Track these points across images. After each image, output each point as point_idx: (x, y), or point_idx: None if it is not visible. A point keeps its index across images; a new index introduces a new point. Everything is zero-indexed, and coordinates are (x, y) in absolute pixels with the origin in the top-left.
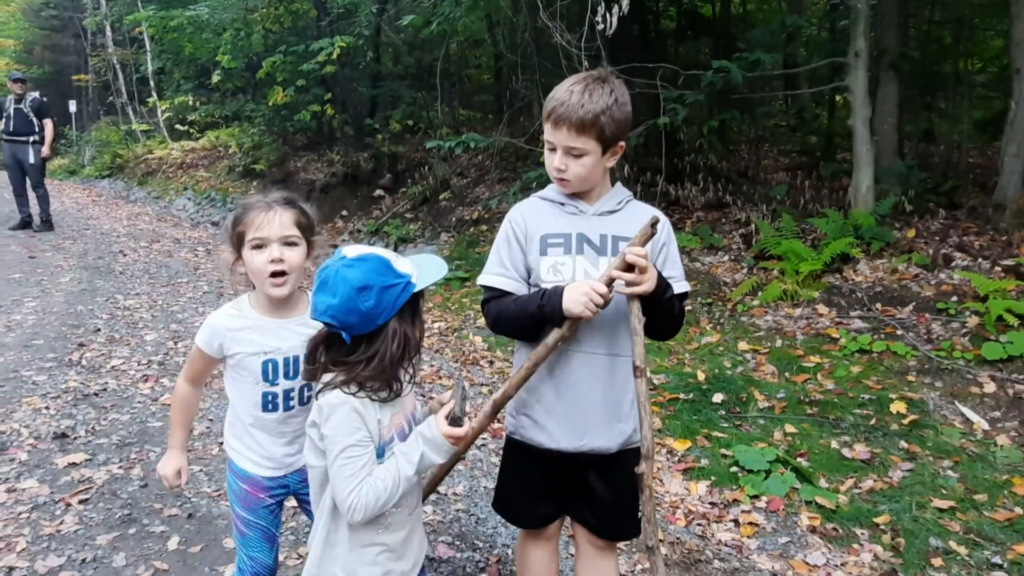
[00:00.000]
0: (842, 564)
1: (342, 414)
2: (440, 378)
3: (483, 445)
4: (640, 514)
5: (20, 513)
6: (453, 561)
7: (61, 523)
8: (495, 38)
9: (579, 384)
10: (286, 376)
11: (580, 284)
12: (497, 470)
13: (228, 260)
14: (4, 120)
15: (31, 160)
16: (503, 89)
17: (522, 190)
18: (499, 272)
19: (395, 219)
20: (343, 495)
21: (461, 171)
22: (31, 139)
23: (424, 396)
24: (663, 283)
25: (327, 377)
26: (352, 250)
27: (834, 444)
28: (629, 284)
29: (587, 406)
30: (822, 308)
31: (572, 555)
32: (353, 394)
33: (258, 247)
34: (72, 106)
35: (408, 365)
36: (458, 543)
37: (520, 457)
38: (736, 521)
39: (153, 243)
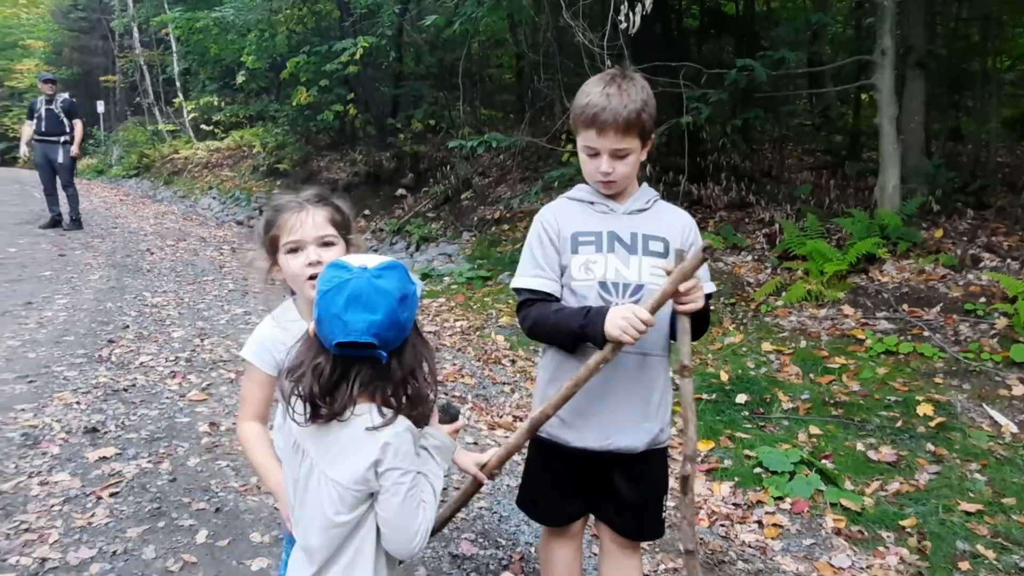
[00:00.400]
0: (867, 567)
1: (408, 442)
2: (462, 376)
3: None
4: (681, 517)
5: (52, 506)
6: (476, 558)
7: (92, 516)
8: (517, 38)
9: (608, 382)
10: None
11: (623, 309)
12: (519, 468)
13: (263, 268)
14: (36, 121)
15: (61, 160)
16: (524, 89)
17: (544, 189)
18: (535, 273)
19: (417, 218)
20: (414, 526)
21: (483, 170)
22: (61, 139)
23: (447, 395)
24: (708, 298)
25: (364, 408)
26: (363, 259)
27: (860, 446)
28: (685, 299)
29: (615, 405)
30: (847, 309)
31: (595, 554)
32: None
33: (293, 251)
34: (100, 107)
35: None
36: (481, 540)
37: (546, 455)
38: (760, 522)
39: (179, 242)
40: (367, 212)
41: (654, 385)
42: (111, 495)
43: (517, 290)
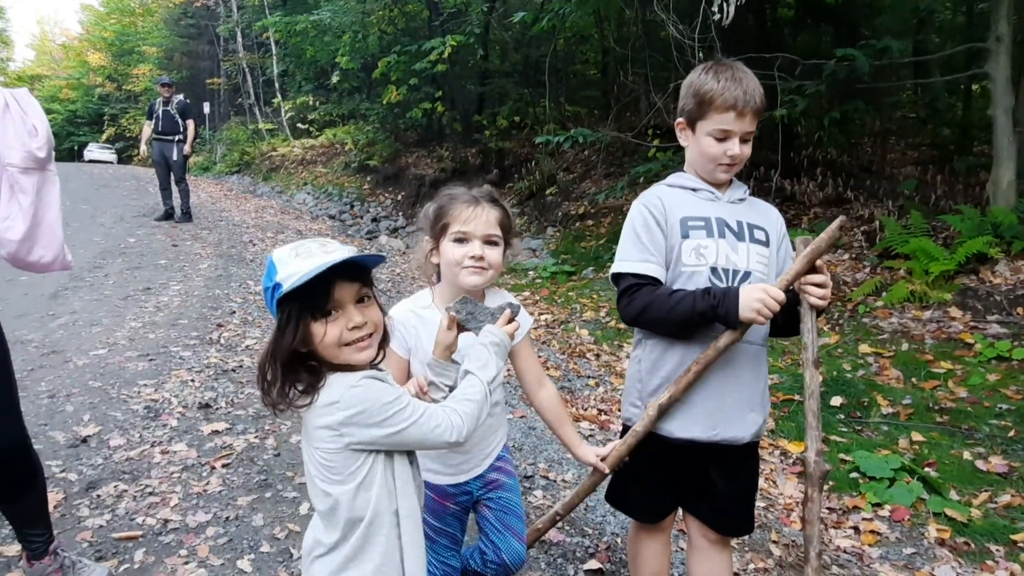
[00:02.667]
0: None
1: (359, 396)
2: (547, 369)
3: (590, 436)
4: (809, 516)
5: (172, 473)
6: (563, 545)
7: (207, 484)
8: (603, 32)
9: (715, 371)
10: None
11: (755, 289)
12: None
13: (424, 250)
14: (154, 121)
15: (175, 157)
16: (610, 84)
17: (629, 185)
18: (642, 258)
19: None
20: (439, 436)
21: (567, 166)
22: (176, 138)
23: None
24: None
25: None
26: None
27: (967, 455)
28: (818, 294)
29: (723, 394)
30: (955, 311)
31: (683, 548)
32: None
33: (460, 240)
34: (206, 108)
35: (278, 372)
36: (568, 528)
37: (640, 448)
38: (856, 528)
39: (278, 234)
40: None
41: (759, 375)
42: (223, 466)
43: (620, 275)
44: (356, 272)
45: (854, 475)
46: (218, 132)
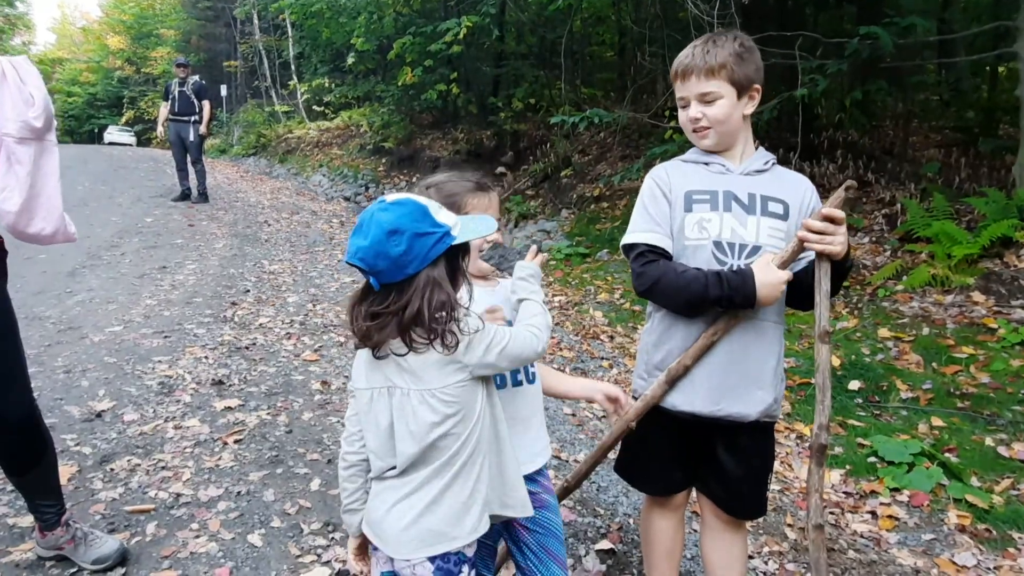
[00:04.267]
0: (996, 568)
1: (482, 332)
2: (561, 350)
3: (603, 417)
4: (810, 489)
5: (185, 447)
6: (574, 524)
7: (219, 459)
8: (620, 12)
9: (722, 345)
10: None
11: (771, 275)
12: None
13: None
14: (170, 102)
15: (191, 138)
16: (627, 65)
17: (645, 166)
18: (650, 228)
19: (516, 196)
20: (534, 346)
21: (583, 148)
22: (192, 119)
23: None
24: (850, 250)
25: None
26: (392, 195)
27: (989, 441)
28: (822, 241)
29: (727, 369)
30: (978, 296)
31: (696, 530)
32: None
33: None
34: (223, 90)
35: (446, 322)
36: (579, 508)
37: (648, 419)
38: (874, 513)
39: (293, 215)
40: None
41: (769, 352)
42: (235, 441)
43: (630, 246)
44: None
45: (872, 459)
46: (235, 114)
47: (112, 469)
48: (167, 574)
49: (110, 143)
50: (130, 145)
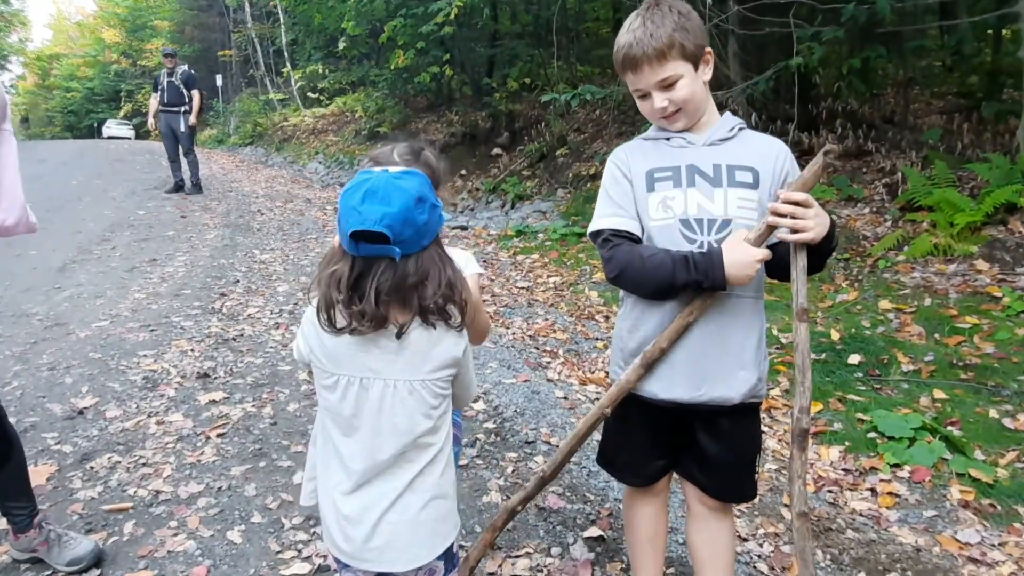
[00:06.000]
0: (1000, 544)
1: (460, 344)
2: (555, 332)
3: (597, 399)
4: (793, 476)
5: (167, 443)
6: (563, 512)
7: (201, 454)
8: None
9: (699, 327)
10: None
11: (741, 254)
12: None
13: None
14: (160, 93)
15: (182, 128)
16: None
17: None
18: (612, 212)
19: (512, 176)
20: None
21: (578, 127)
22: (182, 109)
23: (537, 350)
24: (833, 228)
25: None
26: (394, 168)
27: (993, 413)
28: (793, 226)
29: (706, 352)
30: (981, 264)
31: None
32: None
33: None
34: (219, 80)
35: (456, 300)
36: (568, 494)
37: (626, 410)
38: (873, 490)
39: (287, 203)
40: (463, 172)
41: (750, 330)
42: (219, 435)
43: (596, 232)
44: None
45: (872, 435)
46: (231, 104)
47: (92, 467)
48: (143, 574)
49: (109, 137)
50: (128, 139)
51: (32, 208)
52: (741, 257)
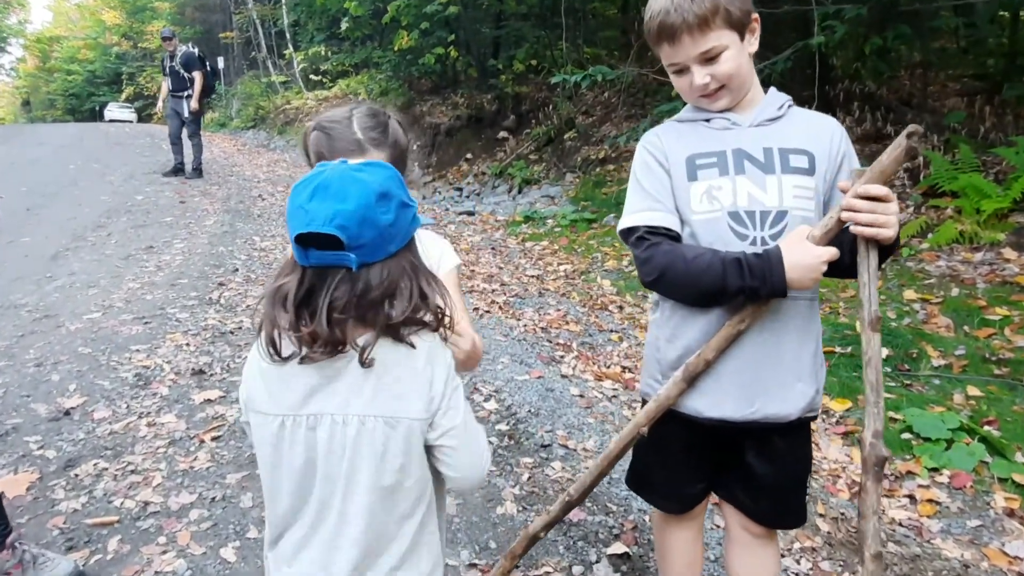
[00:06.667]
0: None
1: (444, 355)
2: (567, 323)
3: (614, 397)
4: (864, 510)
5: (158, 448)
6: (584, 525)
7: (195, 459)
8: None
9: (750, 335)
10: None
11: (803, 254)
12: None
13: None
14: (168, 78)
15: (186, 113)
16: (630, 22)
17: (652, 125)
18: (647, 206)
19: (519, 160)
20: (483, 440)
21: (586, 109)
22: (184, 93)
23: (550, 343)
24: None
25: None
26: (355, 159)
27: None
28: (870, 223)
29: (760, 362)
30: (1009, 252)
31: (717, 526)
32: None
33: None
34: (220, 62)
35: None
36: (589, 505)
37: (664, 428)
38: (912, 497)
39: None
40: (469, 156)
41: (806, 336)
42: (213, 439)
43: (628, 230)
44: None
45: (906, 436)
46: (233, 87)
47: (76, 475)
48: None
49: (111, 120)
50: (130, 122)
51: (27, 194)
52: (804, 258)
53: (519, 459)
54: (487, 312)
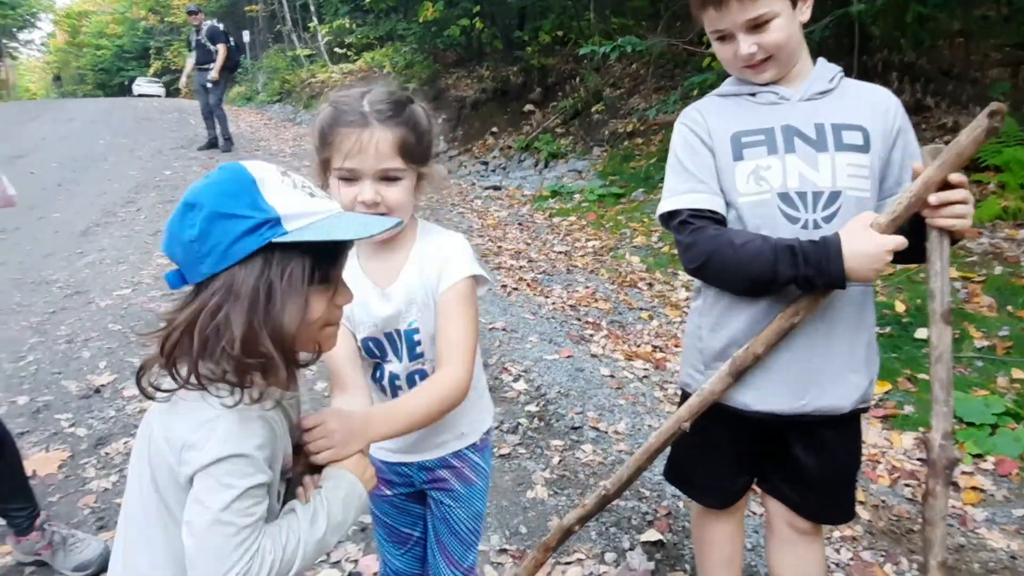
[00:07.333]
0: None
1: (224, 438)
2: (596, 301)
3: (645, 377)
4: (930, 515)
5: None
6: (617, 511)
7: None
8: None
9: (803, 324)
10: (395, 354)
11: (866, 243)
12: (662, 406)
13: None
14: (195, 51)
15: (209, 85)
16: None
17: (682, 98)
18: (689, 188)
19: (545, 134)
20: (219, 570)
21: (614, 81)
22: (209, 65)
23: (579, 321)
24: None
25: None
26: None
27: None
28: (950, 212)
29: (811, 353)
30: None
31: (756, 512)
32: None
33: (347, 180)
34: (246, 36)
35: (274, 358)
36: None
37: (707, 420)
38: (955, 484)
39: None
40: (495, 129)
41: (860, 325)
42: None
43: (669, 214)
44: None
45: None
46: (258, 61)
47: (107, 453)
48: None
49: (139, 95)
50: (158, 96)
51: (58, 169)
52: (866, 247)
53: (549, 441)
54: (515, 289)
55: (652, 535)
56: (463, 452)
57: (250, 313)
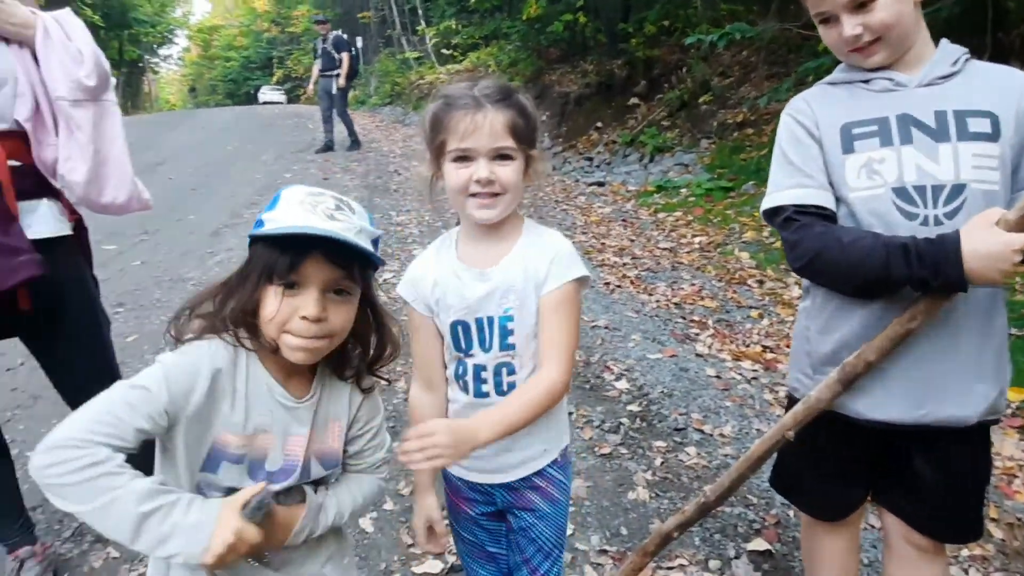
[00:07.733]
0: None
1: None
2: (702, 299)
3: (754, 379)
4: None
5: None
6: (722, 517)
7: None
8: None
9: (923, 329)
10: (481, 345)
11: (989, 242)
12: (772, 410)
13: (424, 175)
14: (319, 60)
15: (334, 91)
16: None
17: (796, 85)
18: (796, 183)
19: (651, 128)
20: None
21: (723, 71)
22: (334, 73)
23: (684, 319)
24: None
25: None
26: None
27: None
28: None
29: (932, 359)
30: None
31: (871, 526)
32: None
33: (461, 159)
34: (359, 42)
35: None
36: None
37: (817, 430)
38: None
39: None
40: (599, 124)
41: (989, 329)
42: None
43: (774, 210)
44: (346, 257)
45: None
46: (371, 65)
47: None
48: None
49: (264, 103)
50: (280, 103)
51: (192, 174)
52: (990, 246)
53: (651, 442)
54: (618, 287)
55: (760, 544)
56: (545, 471)
57: (235, 287)
